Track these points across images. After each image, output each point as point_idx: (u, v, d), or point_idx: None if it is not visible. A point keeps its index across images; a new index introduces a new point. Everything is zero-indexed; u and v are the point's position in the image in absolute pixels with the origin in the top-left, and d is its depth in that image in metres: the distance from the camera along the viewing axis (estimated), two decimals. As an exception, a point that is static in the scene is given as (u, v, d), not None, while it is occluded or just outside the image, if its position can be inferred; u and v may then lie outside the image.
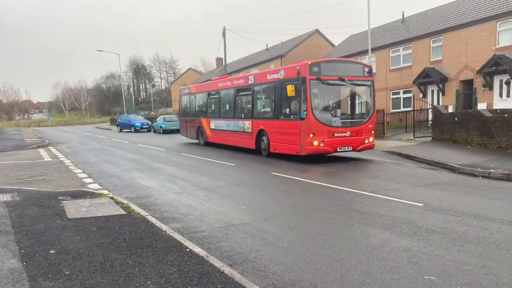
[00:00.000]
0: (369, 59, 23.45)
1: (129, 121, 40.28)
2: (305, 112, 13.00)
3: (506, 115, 14.17)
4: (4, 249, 5.20)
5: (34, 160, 16.17)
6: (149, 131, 38.24)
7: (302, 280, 4.41)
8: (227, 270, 4.50)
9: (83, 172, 12.53)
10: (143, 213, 7.12)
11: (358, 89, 14.28)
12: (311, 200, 8.25)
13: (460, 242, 5.51)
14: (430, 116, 20.44)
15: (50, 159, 16.52)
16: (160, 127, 34.72)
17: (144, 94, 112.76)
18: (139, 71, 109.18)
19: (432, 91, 25.92)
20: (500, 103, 21.23)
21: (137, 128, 38.74)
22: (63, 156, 17.34)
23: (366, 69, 14.08)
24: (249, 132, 16.42)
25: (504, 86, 21.46)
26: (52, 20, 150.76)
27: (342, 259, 4.99)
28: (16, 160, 16.15)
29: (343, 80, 13.37)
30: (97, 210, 7.25)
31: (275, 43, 52.45)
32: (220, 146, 19.42)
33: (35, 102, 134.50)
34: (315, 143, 13.02)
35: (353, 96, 14.53)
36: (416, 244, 5.45)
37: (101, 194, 8.80)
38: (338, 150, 13.47)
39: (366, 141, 13.92)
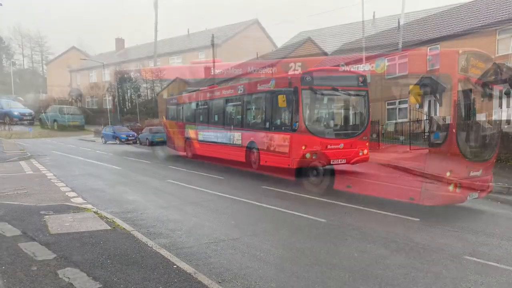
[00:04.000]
0: (363, 68, 23.23)
1: (114, 132, 39.93)
2: (297, 124, 12.82)
3: (506, 126, 13.98)
4: (-18, 266, 4.96)
5: (16, 173, 15.69)
6: (135, 142, 37.88)
7: (295, 300, 4.21)
8: (216, 287, 4.36)
9: (66, 186, 12.18)
10: (128, 228, 6.90)
11: (352, 100, 14.09)
12: (303, 214, 8.04)
13: (458, 258, 5.35)
14: (427, 127, 20.20)
15: (32, 172, 16.07)
16: (147, 138, 34.41)
17: (129, 104, 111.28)
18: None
19: (429, 102, 25.78)
20: (500, 114, 21.10)
21: (123, 140, 38.36)
22: (45, 169, 16.88)
23: (361, 79, 13.91)
24: (239, 144, 16.22)
25: (504, 96, 21.29)
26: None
27: (336, 276, 4.82)
28: (-4, 173, 15.70)
29: (336, 90, 13.20)
30: (80, 225, 7.02)
31: (268, 51, 52.17)
32: (209, 159, 19.16)
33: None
34: (308, 155, 12.83)
35: (347, 106, 14.39)
36: (413, 261, 5.30)
37: (85, 208, 8.52)
38: (331, 162, 13.28)
39: (361, 154, 13.71)
